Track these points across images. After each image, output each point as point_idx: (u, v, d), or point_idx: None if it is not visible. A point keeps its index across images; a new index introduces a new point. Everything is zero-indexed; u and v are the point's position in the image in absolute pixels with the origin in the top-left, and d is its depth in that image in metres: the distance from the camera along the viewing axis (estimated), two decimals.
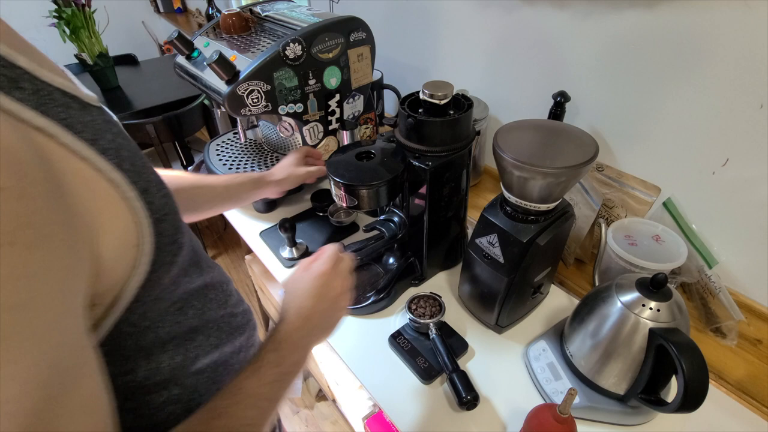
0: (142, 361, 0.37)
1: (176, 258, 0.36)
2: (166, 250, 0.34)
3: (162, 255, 0.34)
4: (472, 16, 1.04)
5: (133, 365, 0.37)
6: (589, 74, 0.87)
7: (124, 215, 0.30)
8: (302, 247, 0.94)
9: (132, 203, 0.30)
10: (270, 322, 1.63)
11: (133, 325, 0.34)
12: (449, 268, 0.89)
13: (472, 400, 0.62)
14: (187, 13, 2.96)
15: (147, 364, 0.38)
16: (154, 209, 0.32)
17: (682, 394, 0.49)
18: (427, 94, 0.66)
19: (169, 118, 1.63)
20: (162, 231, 0.33)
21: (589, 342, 0.61)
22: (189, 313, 0.42)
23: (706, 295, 0.75)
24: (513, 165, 0.58)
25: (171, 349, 0.40)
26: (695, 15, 0.68)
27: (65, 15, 1.71)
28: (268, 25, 0.96)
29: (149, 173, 0.34)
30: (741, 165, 0.71)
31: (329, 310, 0.51)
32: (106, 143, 0.30)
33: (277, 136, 1.07)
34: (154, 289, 0.34)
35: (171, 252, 0.35)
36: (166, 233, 0.34)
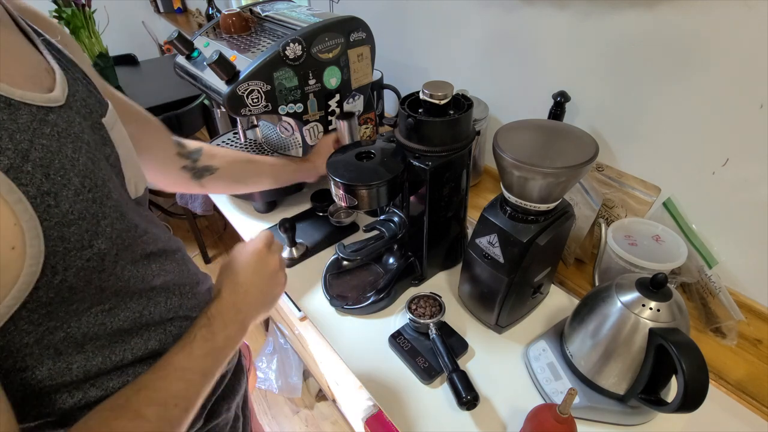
0: (47, 360, 0.37)
1: (90, 263, 0.36)
2: (72, 254, 0.34)
3: (66, 259, 0.33)
4: (472, 16, 1.04)
5: (34, 362, 0.36)
6: (589, 74, 0.87)
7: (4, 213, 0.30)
8: (302, 247, 0.94)
9: (13, 206, 0.30)
10: (270, 322, 1.63)
11: (34, 323, 0.34)
12: (449, 268, 0.89)
13: (472, 400, 0.62)
14: (187, 13, 2.96)
15: (53, 363, 0.37)
16: (55, 213, 0.32)
17: (682, 394, 0.49)
18: (427, 94, 0.66)
19: (169, 118, 1.63)
20: (64, 235, 0.33)
21: (589, 342, 0.61)
22: (121, 315, 0.41)
23: (706, 295, 0.75)
24: (513, 165, 0.58)
25: (89, 350, 0.39)
26: (695, 15, 0.68)
27: (65, 15, 1.71)
28: (268, 25, 0.95)
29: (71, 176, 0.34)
30: (741, 165, 0.71)
31: (266, 286, 0.52)
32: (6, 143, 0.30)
33: (277, 136, 1.07)
34: (61, 292, 0.34)
35: (82, 257, 0.35)
36: (71, 238, 0.34)
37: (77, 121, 0.38)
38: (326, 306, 0.83)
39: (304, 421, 1.54)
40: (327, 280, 0.85)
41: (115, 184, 0.42)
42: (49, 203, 0.32)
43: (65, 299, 0.35)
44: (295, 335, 1.26)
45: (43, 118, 0.34)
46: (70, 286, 0.35)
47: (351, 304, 0.80)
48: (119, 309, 0.41)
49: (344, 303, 0.81)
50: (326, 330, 0.79)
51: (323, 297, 0.84)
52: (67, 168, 0.34)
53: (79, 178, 0.35)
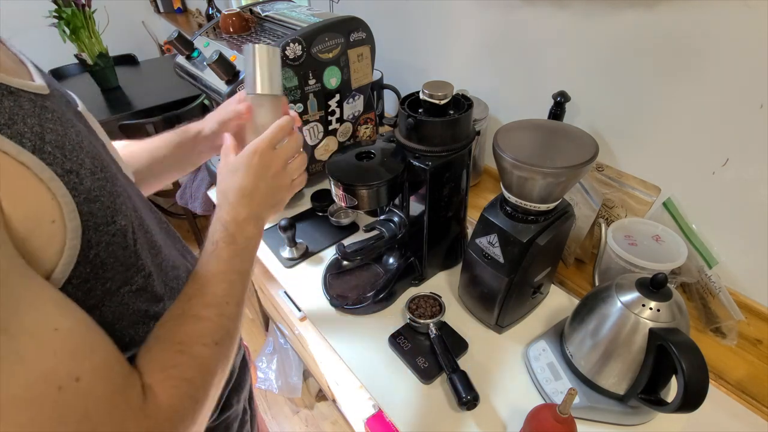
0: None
1: (115, 238, 0.37)
2: (101, 230, 0.35)
3: (97, 234, 0.35)
4: (472, 16, 1.04)
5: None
6: (589, 74, 0.87)
7: (37, 191, 0.31)
8: (302, 246, 0.94)
9: (48, 183, 0.31)
10: (270, 322, 1.63)
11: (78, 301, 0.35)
12: (449, 268, 0.89)
13: (472, 400, 0.62)
14: (187, 13, 2.96)
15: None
16: (81, 189, 0.34)
17: (682, 394, 0.49)
18: (427, 94, 0.66)
19: (169, 118, 1.63)
20: (92, 211, 0.34)
21: (589, 342, 0.61)
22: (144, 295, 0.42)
23: (706, 295, 0.75)
24: (513, 165, 0.58)
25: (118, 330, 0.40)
26: (695, 15, 0.68)
27: (65, 15, 1.71)
28: (268, 25, 0.96)
29: (83, 157, 0.35)
30: (741, 165, 0.71)
31: (270, 188, 0.50)
32: (22, 127, 0.31)
33: None
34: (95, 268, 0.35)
35: (109, 232, 0.36)
36: (98, 213, 0.35)
37: (65, 109, 0.39)
38: (326, 306, 0.83)
39: (304, 421, 1.54)
40: (327, 280, 0.85)
41: (115, 167, 0.42)
42: (75, 181, 0.33)
43: (99, 276, 0.36)
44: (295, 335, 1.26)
45: (42, 104, 0.35)
46: (102, 262, 0.36)
47: (351, 304, 0.80)
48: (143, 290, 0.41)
49: (344, 303, 0.81)
50: (326, 330, 0.79)
51: (323, 297, 0.84)
52: (77, 149, 0.35)
53: (89, 159, 0.36)
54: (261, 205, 0.49)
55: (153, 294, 0.42)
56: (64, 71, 2.18)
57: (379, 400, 0.68)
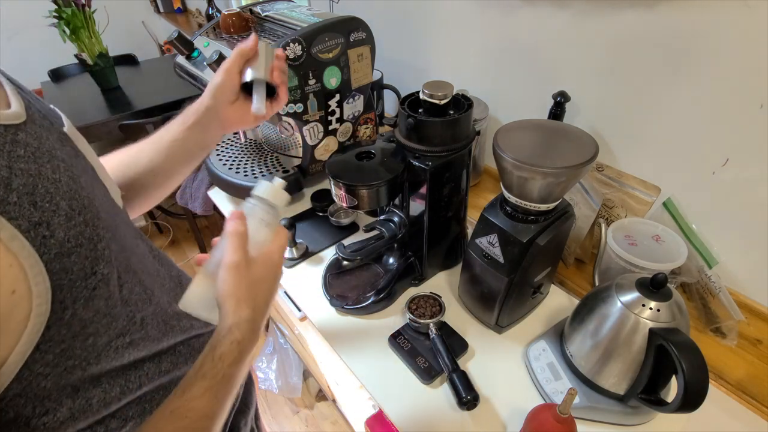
0: (66, 399, 0.34)
1: (96, 291, 0.33)
2: (78, 285, 0.31)
3: (72, 291, 0.31)
4: (472, 16, 1.04)
5: (54, 405, 0.33)
6: (589, 74, 0.87)
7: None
8: (302, 246, 0.94)
9: (8, 243, 0.27)
10: (270, 322, 1.63)
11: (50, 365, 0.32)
12: (449, 268, 0.89)
13: (472, 400, 0.62)
14: (187, 13, 2.96)
15: (72, 402, 0.35)
16: (51, 244, 0.30)
17: (682, 394, 0.49)
18: (427, 94, 0.66)
19: (169, 118, 1.63)
20: (67, 266, 0.31)
21: (589, 342, 0.61)
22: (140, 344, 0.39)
23: (706, 295, 0.74)
24: (513, 165, 0.58)
25: (105, 382, 0.37)
26: (695, 15, 0.68)
27: (65, 15, 1.71)
28: (268, 25, 0.96)
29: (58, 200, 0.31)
30: (741, 165, 0.71)
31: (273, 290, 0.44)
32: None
33: (278, 136, 1.07)
34: (73, 327, 0.32)
35: (88, 286, 0.32)
36: (74, 268, 0.31)
37: (45, 136, 0.34)
38: (326, 306, 0.83)
39: (304, 421, 1.54)
40: (327, 280, 0.85)
41: (101, 199, 0.38)
42: (44, 234, 0.29)
43: (78, 334, 0.33)
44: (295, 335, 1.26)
45: (14, 138, 0.30)
46: (81, 319, 0.32)
47: (351, 304, 0.80)
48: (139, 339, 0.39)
49: (344, 303, 0.81)
50: (326, 330, 0.79)
51: (323, 297, 0.84)
52: (52, 192, 0.31)
53: (66, 201, 0.32)
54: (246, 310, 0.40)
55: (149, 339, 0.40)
56: (64, 71, 2.18)
57: (379, 400, 0.68)
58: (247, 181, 1.00)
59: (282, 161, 1.07)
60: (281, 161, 1.07)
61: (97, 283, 0.33)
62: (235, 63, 0.58)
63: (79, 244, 0.32)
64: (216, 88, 0.58)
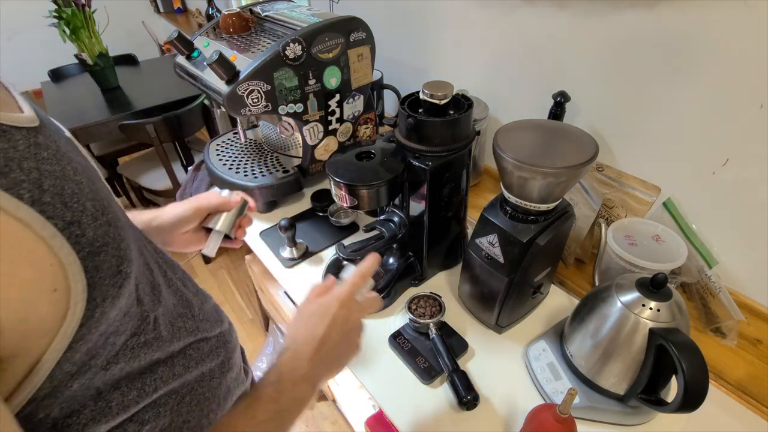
0: (89, 401, 0.34)
1: (122, 290, 0.34)
2: (107, 283, 0.32)
3: (102, 289, 0.31)
4: (472, 16, 1.04)
5: (78, 406, 0.34)
6: (589, 74, 0.87)
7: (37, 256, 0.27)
8: (302, 247, 0.94)
9: (49, 242, 0.28)
10: (270, 322, 1.63)
11: (77, 364, 0.32)
12: (449, 268, 0.89)
13: (472, 400, 0.62)
14: (187, 13, 2.96)
15: (95, 403, 0.35)
16: (84, 243, 0.30)
17: (682, 394, 0.49)
18: (427, 94, 0.66)
19: (169, 118, 1.63)
20: (98, 265, 0.31)
21: (589, 342, 0.61)
22: (153, 345, 0.40)
23: (706, 295, 0.74)
24: (513, 165, 0.58)
25: (124, 385, 0.37)
26: (695, 15, 0.68)
27: (65, 15, 1.71)
28: (268, 25, 0.96)
29: (84, 201, 0.31)
30: (741, 165, 0.71)
31: (341, 344, 0.46)
32: (19, 175, 0.27)
33: (277, 136, 1.07)
34: (101, 325, 0.32)
35: (115, 284, 0.33)
36: (103, 266, 0.32)
37: (57, 140, 0.34)
38: None
39: (304, 421, 1.54)
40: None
41: (116, 202, 0.39)
42: (77, 233, 0.30)
43: (103, 333, 0.33)
44: None
45: (35, 141, 0.31)
46: (107, 318, 0.33)
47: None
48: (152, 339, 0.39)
49: None
50: None
51: None
52: (77, 193, 0.31)
53: (90, 202, 0.32)
54: (324, 360, 0.45)
55: (161, 340, 0.40)
56: (64, 71, 2.18)
57: (379, 400, 0.68)
58: (247, 181, 1.00)
59: (282, 161, 1.07)
60: (281, 161, 1.07)
61: (122, 281, 0.34)
62: (209, 208, 0.61)
63: (105, 243, 0.32)
64: (179, 219, 0.59)
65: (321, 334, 0.45)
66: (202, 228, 0.63)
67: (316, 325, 0.45)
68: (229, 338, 0.54)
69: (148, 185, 1.92)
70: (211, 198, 0.61)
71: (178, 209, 0.59)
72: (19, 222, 0.26)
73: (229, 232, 0.63)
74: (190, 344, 0.46)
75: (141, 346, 0.38)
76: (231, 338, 0.54)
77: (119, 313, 0.34)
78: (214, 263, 2.18)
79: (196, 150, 1.99)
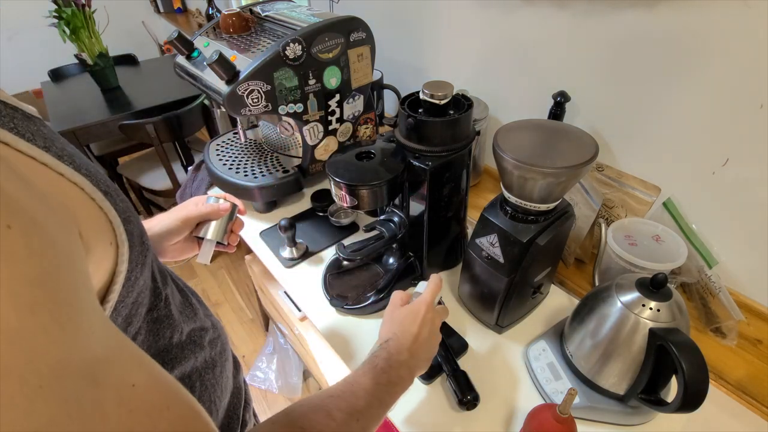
0: None
1: (146, 259, 0.36)
2: (137, 250, 0.34)
3: (135, 254, 0.34)
4: (472, 16, 1.04)
5: None
6: (589, 74, 0.87)
7: (96, 213, 0.30)
8: (302, 247, 0.94)
9: (100, 203, 0.30)
10: (270, 322, 1.63)
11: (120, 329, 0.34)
12: (449, 268, 0.89)
13: (472, 400, 0.62)
14: (187, 13, 2.96)
15: None
16: (119, 210, 0.33)
17: (682, 394, 0.49)
18: (427, 94, 0.66)
19: (169, 118, 1.63)
20: (131, 231, 0.33)
21: (589, 342, 0.61)
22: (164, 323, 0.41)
23: (706, 295, 0.75)
24: (513, 165, 0.58)
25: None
26: (695, 15, 0.68)
27: (65, 15, 1.71)
28: (268, 25, 0.96)
29: (106, 179, 0.34)
30: (741, 165, 0.71)
31: (430, 341, 0.55)
32: (58, 150, 0.29)
33: (277, 136, 1.07)
34: (133, 291, 0.34)
35: (142, 253, 0.35)
36: (134, 233, 0.34)
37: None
38: (326, 306, 0.83)
39: None
40: (327, 280, 0.85)
41: None
42: (114, 200, 0.32)
43: (136, 302, 0.35)
44: (295, 335, 1.26)
45: (51, 128, 0.33)
46: (138, 286, 0.35)
47: (351, 304, 0.80)
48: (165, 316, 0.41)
49: (344, 303, 0.81)
50: (326, 330, 0.79)
51: (323, 297, 0.84)
52: (94, 172, 0.33)
53: (110, 181, 0.34)
54: (418, 352, 0.53)
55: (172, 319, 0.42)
56: (64, 71, 2.18)
57: None
58: (247, 181, 1.00)
59: (282, 161, 1.07)
60: (281, 161, 1.07)
61: (146, 251, 0.36)
62: (197, 218, 0.61)
63: (130, 215, 0.34)
64: (167, 231, 0.59)
65: (416, 330, 0.53)
66: (193, 237, 0.63)
67: (411, 323, 0.54)
68: (221, 331, 0.55)
69: (148, 185, 1.93)
70: (199, 207, 0.61)
71: (165, 221, 0.59)
72: (74, 186, 0.29)
73: (221, 239, 0.62)
74: (193, 329, 0.47)
75: (156, 321, 0.39)
76: (222, 331, 0.56)
77: (144, 284, 0.36)
78: (215, 263, 2.18)
79: (196, 150, 1.99)
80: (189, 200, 0.63)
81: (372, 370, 0.47)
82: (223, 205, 0.62)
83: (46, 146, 0.28)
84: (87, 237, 0.28)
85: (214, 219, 0.61)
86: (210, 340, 0.50)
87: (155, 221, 0.60)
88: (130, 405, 0.24)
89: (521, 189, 0.61)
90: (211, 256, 0.62)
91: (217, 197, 0.63)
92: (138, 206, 2.32)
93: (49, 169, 0.28)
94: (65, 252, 0.23)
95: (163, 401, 0.26)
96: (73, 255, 0.25)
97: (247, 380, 1.58)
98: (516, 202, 0.63)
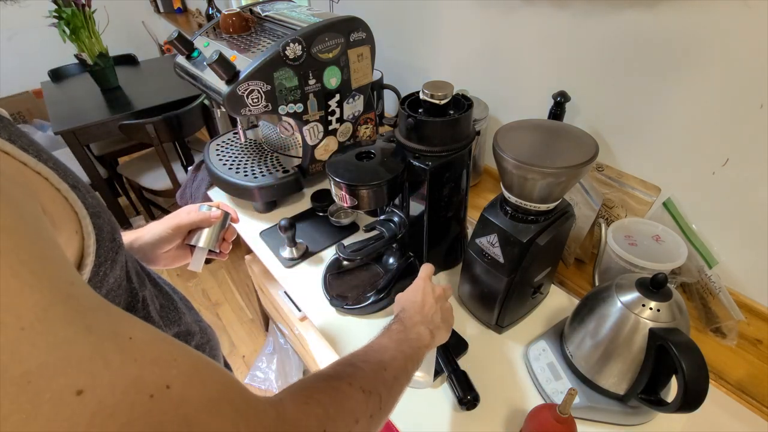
0: None
1: (117, 257, 0.35)
2: (107, 246, 0.34)
3: (103, 250, 0.33)
4: (472, 16, 1.04)
5: None
6: (589, 74, 0.86)
7: (61, 202, 0.30)
8: (302, 247, 0.94)
9: (65, 194, 0.31)
10: (270, 322, 1.63)
11: None
12: (449, 268, 0.89)
13: (472, 400, 0.62)
14: (187, 13, 2.96)
15: None
16: (87, 204, 0.33)
17: (682, 394, 0.49)
18: (427, 94, 0.66)
19: (169, 118, 1.63)
20: (100, 226, 0.33)
21: (589, 342, 0.61)
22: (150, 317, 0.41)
23: (706, 295, 0.74)
24: (513, 165, 0.58)
25: None
26: (695, 15, 0.68)
27: (65, 15, 1.71)
28: (268, 25, 0.96)
29: (77, 177, 0.34)
30: (741, 165, 0.71)
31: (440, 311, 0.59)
32: (24, 144, 0.30)
33: (277, 136, 1.07)
34: (102, 289, 0.34)
35: (112, 249, 0.35)
36: (104, 229, 0.34)
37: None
38: (326, 306, 0.83)
39: None
40: (327, 280, 0.85)
41: None
42: (81, 194, 0.32)
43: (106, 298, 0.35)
44: (295, 335, 1.26)
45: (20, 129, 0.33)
46: (107, 283, 0.34)
47: (351, 304, 0.80)
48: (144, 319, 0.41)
49: (344, 303, 0.81)
50: (326, 330, 0.79)
51: (323, 297, 0.84)
52: (63, 168, 0.34)
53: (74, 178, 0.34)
54: (430, 315, 0.57)
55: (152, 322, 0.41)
56: (64, 71, 2.18)
57: None
58: (247, 181, 1.00)
59: (282, 161, 1.07)
60: (281, 161, 1.07)
61: (117, 248, 0.36)
62: (189, 225, 0.61)
63: (100, 211, 0.34)
64: (159, 239, 0.59)
65: (420, 299, 0.58)
66: (185, 244, 0.63)
67: (414, 294, 0.60)
68: (211, 336, 0.55)
69: (148, 185, 1.92)
70: (191, 214, 0.61)
71: (157, 229, 0.59)
72: (38, 175, 0.29)
73: (213, 247, 0.62)
74: (177, 333, 0.47)
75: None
76: (213, 336, 0.56)
77: (115, 282, 0.36)
78: (215, 263, 2.18)
79: (196, 150, 1.99)
80: (181, 209, 0.63)
81: (387, 332, 0.50)
82: (215, 212, 0.62)
83: (11, 139, 0.29)
84: (51, 217, 0.28)
85: (206, 227, 0.62)
86: (196, 346, 0.49)
87: (147, 229, 0.60)
88: (133, 354, 0.23)
89: (521, 189, 0.61)
90: (202, 264, 0.63)
91: (210, 205, 0.63)
92: (138, 206, 2.32)
93: (12, 158, 0.28)
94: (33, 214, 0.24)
95: (167, 354, 0.26)
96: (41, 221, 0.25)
97: (247, 380, 1.58)
98: (516, 202, 0.63)
